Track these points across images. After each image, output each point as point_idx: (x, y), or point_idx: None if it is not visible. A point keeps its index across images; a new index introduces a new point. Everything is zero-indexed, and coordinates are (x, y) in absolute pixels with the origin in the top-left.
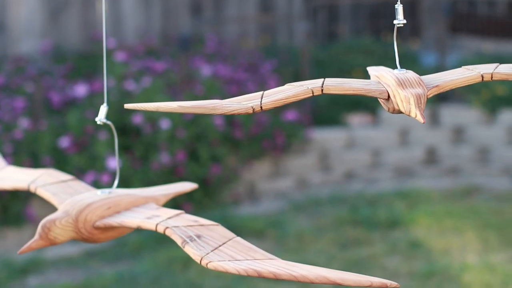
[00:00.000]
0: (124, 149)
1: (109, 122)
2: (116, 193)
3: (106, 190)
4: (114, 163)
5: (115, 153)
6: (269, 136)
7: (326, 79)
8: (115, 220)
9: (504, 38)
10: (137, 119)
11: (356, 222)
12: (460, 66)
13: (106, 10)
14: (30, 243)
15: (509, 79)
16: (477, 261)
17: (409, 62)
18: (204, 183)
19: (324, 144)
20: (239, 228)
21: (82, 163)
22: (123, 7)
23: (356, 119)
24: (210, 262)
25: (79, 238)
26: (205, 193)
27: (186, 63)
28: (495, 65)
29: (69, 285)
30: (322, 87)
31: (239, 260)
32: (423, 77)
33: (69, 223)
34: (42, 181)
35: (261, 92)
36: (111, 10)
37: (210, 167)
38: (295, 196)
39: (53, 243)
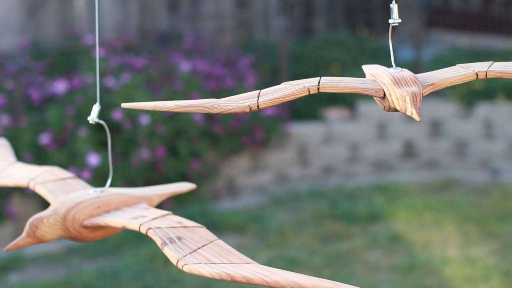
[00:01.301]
0: (104, 145)
1: (102, 122)
2: (108, 192)
3: (98, 189)
4: (94, 159)
5: (97, 150)
6: (248, 131)
7: (322, 77)
8: (101, 220)
9: (479, 33)
10: (117, 115)
11: (336, 217)
12: (435, 61)
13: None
14: (17, 240)
15: (503, 77)
16: (458, 255)
17: (385, 57)
18: (184, 179)
19: (303, 138)
20: (219, 224)
21: (62, 160)
22: (101, 3)
23: (334, 114)
24: (185, 264)
25: (67, 237)
26: None
27: (165, 59)
28: (489, 63)
29: (50, 282)
30: (318, 85)
31: (215, 263)
32: (418, 75)
33: (57, 222)
34: (42, 178)
35: (257, 91)
36: (88, 6)
37: (190, 162)
38: (275, 191)
39: (40, 241)
